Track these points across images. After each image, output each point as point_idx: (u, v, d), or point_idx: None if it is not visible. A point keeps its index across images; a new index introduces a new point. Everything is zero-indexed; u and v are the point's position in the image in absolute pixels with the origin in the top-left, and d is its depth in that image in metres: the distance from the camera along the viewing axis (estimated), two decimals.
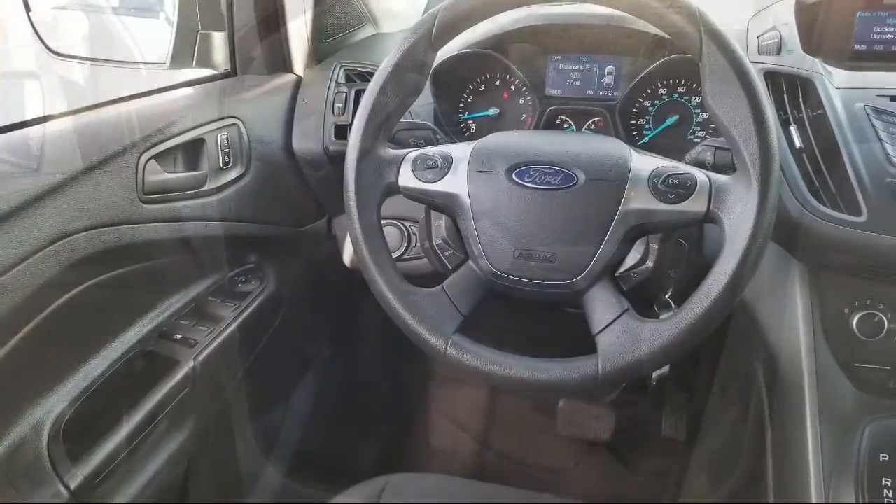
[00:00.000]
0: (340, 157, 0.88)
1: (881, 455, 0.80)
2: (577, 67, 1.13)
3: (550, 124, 1.15)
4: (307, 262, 1.34)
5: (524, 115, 1.17)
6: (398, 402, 1.84)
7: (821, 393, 0.86)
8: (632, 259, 0.76)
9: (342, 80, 1.14)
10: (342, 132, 1.10)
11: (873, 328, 0.86)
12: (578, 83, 1.14)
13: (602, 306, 0.74)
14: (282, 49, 1.19)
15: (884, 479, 0.79)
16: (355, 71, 1.16)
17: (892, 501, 0.77)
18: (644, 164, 0.76)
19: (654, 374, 0.99)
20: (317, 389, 1.47)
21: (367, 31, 1.31)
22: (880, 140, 0.82)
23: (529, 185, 0.77)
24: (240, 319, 1.15)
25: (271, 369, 1.32)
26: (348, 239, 1.08)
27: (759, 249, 0.68)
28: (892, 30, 1.05)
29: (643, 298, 0.81)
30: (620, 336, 0.72)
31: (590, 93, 1.13)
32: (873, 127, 0.83)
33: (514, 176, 0.77)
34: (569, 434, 1.67)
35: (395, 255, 1.12)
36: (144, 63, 1.10)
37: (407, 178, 0.82)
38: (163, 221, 0.96)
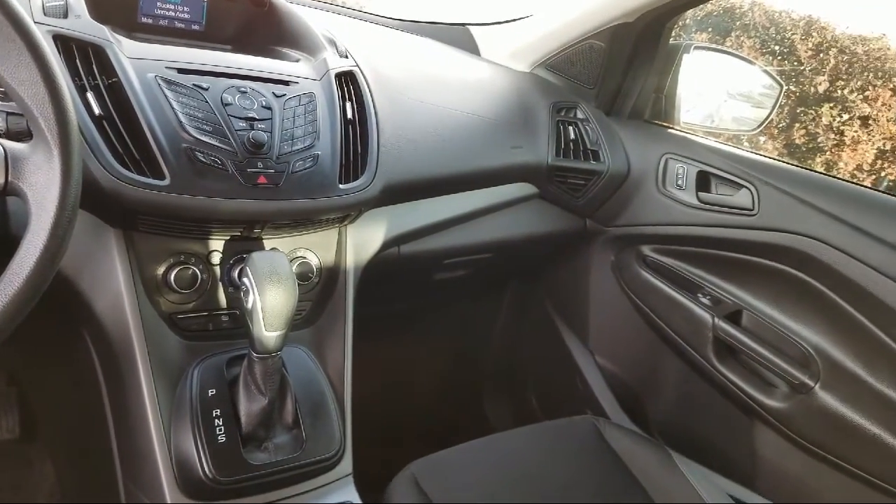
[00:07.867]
0: None
1: (210, 390, 0.91)
2: None
3: None
4: None
5: None
6: None
7: (150, 348, 0.91)
8: None
9: None
10: None
11: (189, 280, 0.95)
12: None
13: None
14: None
15: (214, 410, 0.89)
16: None
17: (222, 427, 0.89)
18: None
19: None
20: None
21: None
22: (174, 109, 0.89)
23: None
24: None
25: None
26: None
27: (68, 219, 0.66)
28: (173, 7, 1.15)
29: None
30: None
31: None
32: (166, 97, 0.90)
33: None
34: None
35: None
36: None
37: None
38: None
